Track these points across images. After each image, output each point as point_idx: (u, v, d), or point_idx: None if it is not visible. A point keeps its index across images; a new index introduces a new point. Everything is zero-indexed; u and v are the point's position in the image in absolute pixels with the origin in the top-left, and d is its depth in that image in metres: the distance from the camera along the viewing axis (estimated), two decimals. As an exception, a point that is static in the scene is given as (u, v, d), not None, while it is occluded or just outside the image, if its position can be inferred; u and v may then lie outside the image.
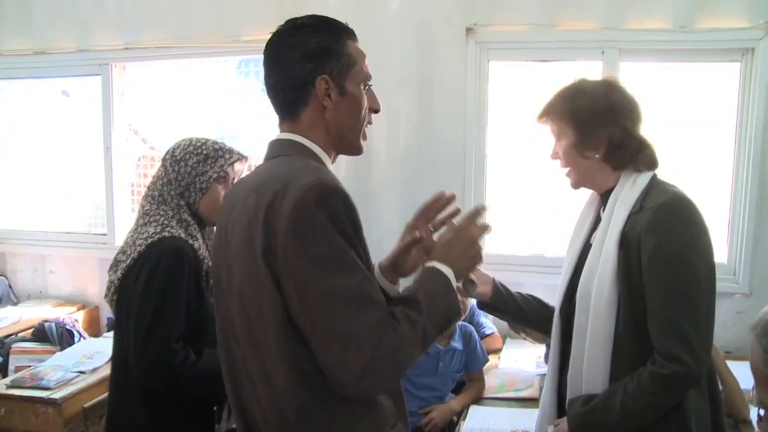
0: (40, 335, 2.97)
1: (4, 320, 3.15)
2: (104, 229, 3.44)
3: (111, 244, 3.33)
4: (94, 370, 2.53)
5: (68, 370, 2.51)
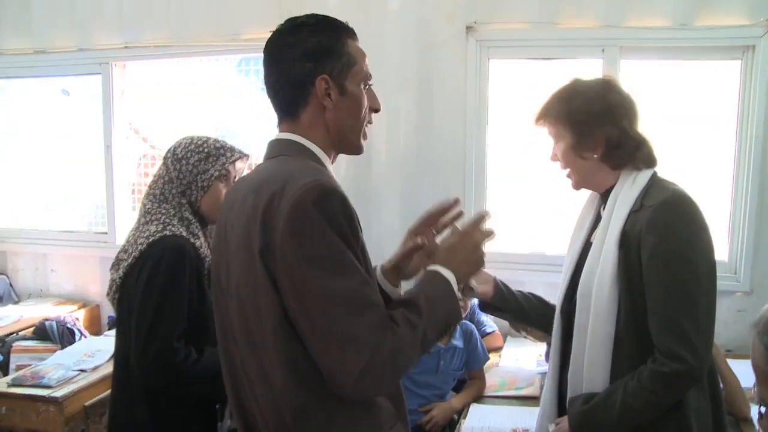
0: (41, 334, 2.98)
1: (5, 319, 3.15)
2: (105, 228, 3.44)
3: (111, 243, 3.34)
4: (94, 369, 2.53)
5: (69, 368, 2.52)
